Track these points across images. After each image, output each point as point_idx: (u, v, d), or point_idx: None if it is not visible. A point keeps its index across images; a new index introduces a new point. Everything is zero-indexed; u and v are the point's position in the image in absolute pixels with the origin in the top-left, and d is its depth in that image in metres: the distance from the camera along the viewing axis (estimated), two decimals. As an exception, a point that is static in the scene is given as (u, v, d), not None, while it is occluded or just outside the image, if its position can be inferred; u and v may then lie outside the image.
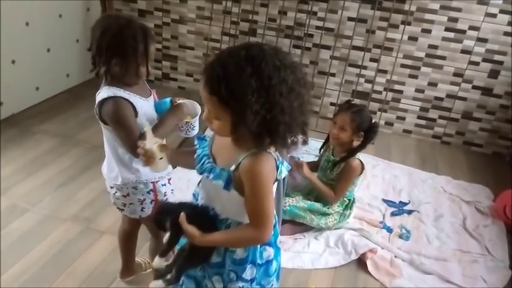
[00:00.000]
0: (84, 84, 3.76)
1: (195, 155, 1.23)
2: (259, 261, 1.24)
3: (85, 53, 4.03)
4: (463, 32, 3.18)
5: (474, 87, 3.32)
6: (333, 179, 2.32)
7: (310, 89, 1.09)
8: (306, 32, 3.44)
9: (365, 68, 3.44)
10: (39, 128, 3.08)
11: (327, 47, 3.47)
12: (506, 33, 3.10)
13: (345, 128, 2.25)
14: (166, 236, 1.17)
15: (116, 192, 1.62)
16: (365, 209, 2.58)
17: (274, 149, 1.11)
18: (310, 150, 2.66)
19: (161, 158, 1.27)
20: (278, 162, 1.12)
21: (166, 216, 1.18)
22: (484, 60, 3.22)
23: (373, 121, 2.28)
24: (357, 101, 3.47)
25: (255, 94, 0.99)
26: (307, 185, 2.41)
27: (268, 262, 1.26)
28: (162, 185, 1.64)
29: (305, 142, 1.14)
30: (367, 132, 2.24)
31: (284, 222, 2.27)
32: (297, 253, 2.21)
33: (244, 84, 0.98)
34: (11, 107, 3.18)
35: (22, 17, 3.09)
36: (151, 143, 1.27)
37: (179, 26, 3.77)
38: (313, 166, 2.43)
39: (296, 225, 2.33)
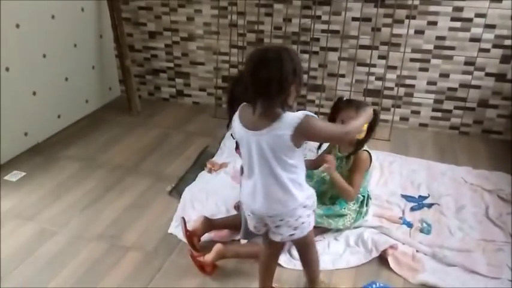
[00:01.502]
0: (103, 108, 3.89)
1: None
2: None
3: (102, 79, 4.15)
4: (470, 20, 3.15)
5: (487, 74, 3.28)
6: (342, 174, 2.31)
7: None
8: (312, 36, 3.47)
9: (374, 66, 3.45)
10: (63, 154, 3.21)
11: (334, 49, 3.49)
12: (513, 17, 3.06)
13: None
14: None
15: (287, 221, 1.63)
16: (384, 206, 2.58)
17: None
18: (313, 149, 2.64)
19: None
20: None
21: None
22: (494, 46, 3.17)
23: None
24: (369, 99, 3.50)
25: None
26: (321, 184, 2.43)
27: None
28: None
29: None
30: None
31: (302, 225, 2.28)
32: (317, 255, 2.22)
33: None
34: (36, 136, 3.33)
35: (39, 49, 3.24)
36: None
37: (188, 43, 3.86)
38: (313, 163, 2.42)
39: (314, 228, 2.33)
